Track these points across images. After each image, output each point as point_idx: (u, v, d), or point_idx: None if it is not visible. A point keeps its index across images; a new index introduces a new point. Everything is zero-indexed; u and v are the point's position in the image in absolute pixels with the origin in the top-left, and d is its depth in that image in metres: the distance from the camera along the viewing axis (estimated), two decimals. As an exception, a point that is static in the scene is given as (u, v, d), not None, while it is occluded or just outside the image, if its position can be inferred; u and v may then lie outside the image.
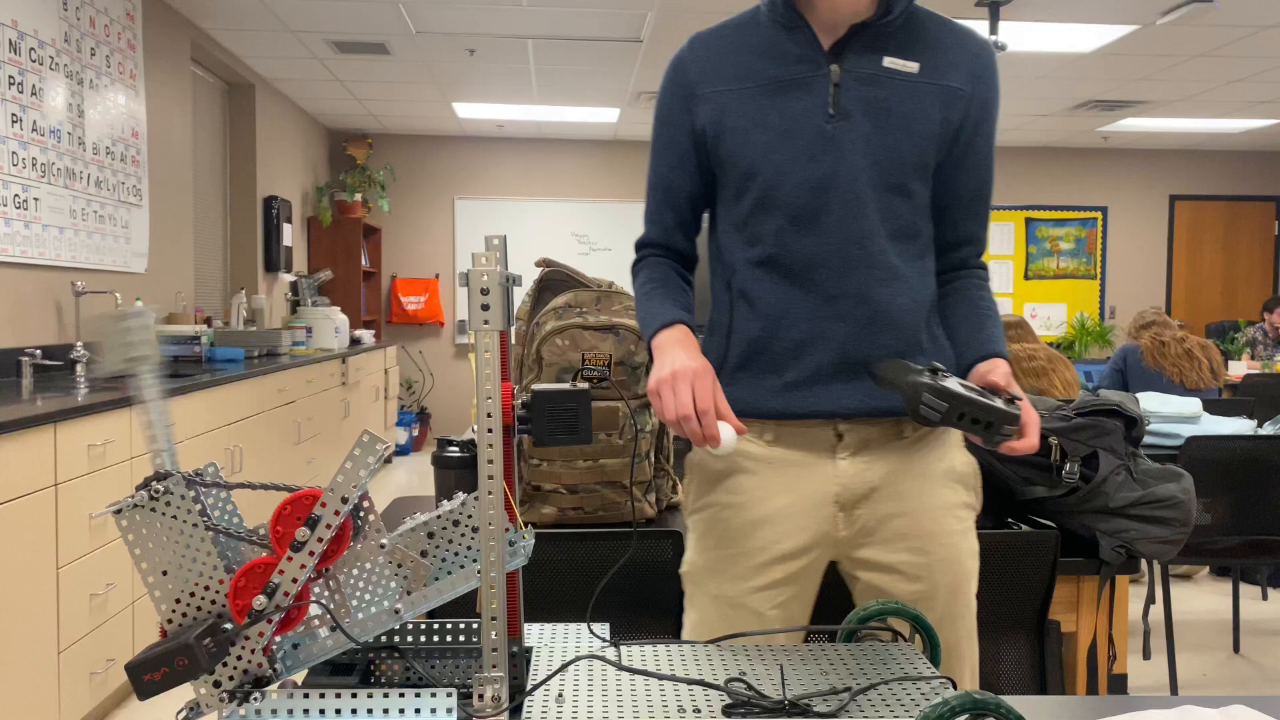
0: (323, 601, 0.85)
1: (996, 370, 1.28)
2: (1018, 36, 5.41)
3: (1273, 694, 1.01)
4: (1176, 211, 9.28)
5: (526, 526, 0.92)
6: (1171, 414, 3.22)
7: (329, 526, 0.81)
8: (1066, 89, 6.68)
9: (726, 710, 0.83)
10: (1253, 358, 6.71)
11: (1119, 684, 2.00)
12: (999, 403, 1.13)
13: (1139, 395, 3.35)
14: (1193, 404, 3.28)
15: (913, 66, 1.30)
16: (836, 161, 1.29)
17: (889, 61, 1.30)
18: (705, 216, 1.47)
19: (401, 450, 8.03)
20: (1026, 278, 9.23)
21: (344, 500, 0.81)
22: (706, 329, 1.43)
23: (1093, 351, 8.98)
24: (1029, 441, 1.17)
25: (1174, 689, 3.18)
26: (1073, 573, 1.92)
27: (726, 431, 1.15)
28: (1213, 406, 3.74)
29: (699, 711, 0.83)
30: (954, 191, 1.37)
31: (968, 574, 1.36)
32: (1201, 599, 4.42)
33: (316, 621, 0.86)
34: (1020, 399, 1.19)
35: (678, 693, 0.87)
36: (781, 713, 0.83)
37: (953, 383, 1.14)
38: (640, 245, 1.46)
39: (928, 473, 1.33)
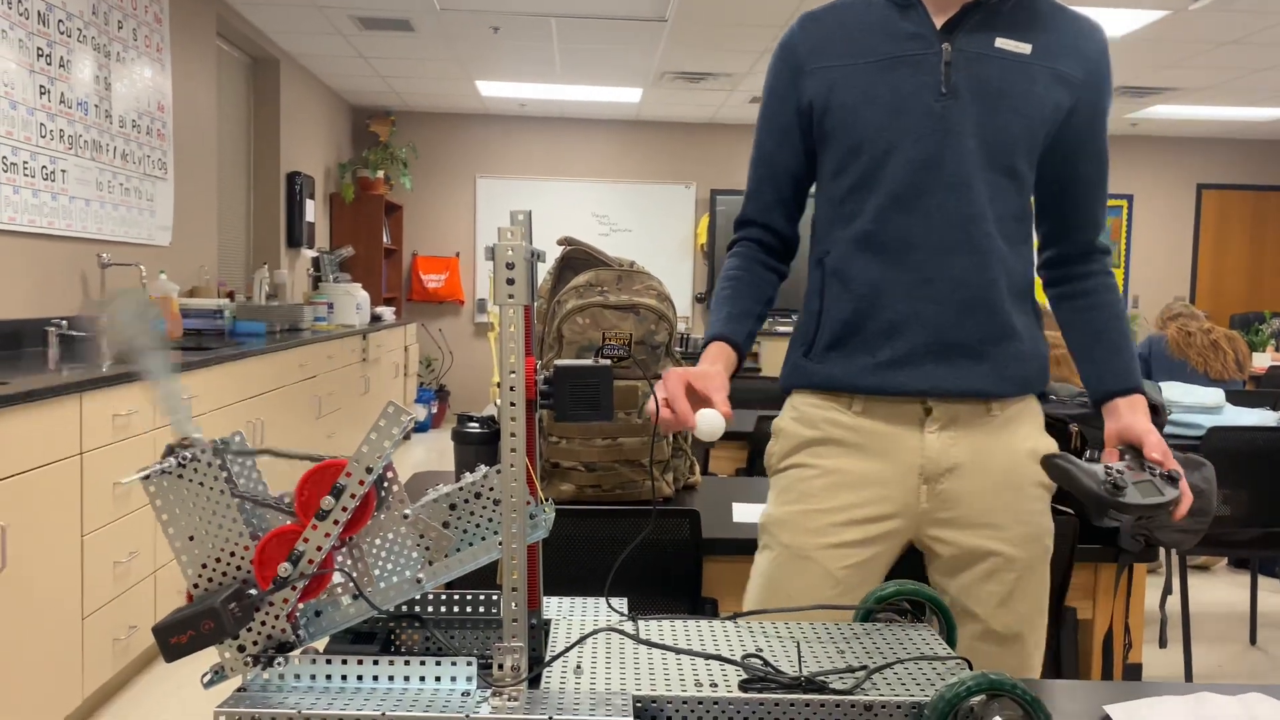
0: (346, 569, 0.86)
1: (1148, 431, 1.30)
2: (1047, 20, 5.34)
3: (1290, 685, 1.00)
4: (1204, 200, 9.17)
5: (547, 500, 0.93)
6: (1193, 404, 3.20)
7: (353, 496, 0.82)
8: (1095, 74, 6.60)
9: (743, 685, 0.84)
10: (1277, 349, 6.64)
11: (1134, 672, 2.00)
12: (1169, 494, 1.22)
13: (1161, 384, 3.32)
14: (1215, 394, 3.26)
15: (1025, 48, 1.30)
16: (943, 141, 1.29)
17: (1001, 42, 1.30)
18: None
19: (420, 427, 8.08)
20: (1050, 265, 9.15)
21: (368, 470, 0.82)
22: (802, 309, 1.44)
23: (1115, 340, 8.89)
24: (1179, 514, 1.24)
25: (1189, 678, 3.17)
26: (1090, 560, 1.91)
27: (706, 418, 1.16)
28: (1236, 398, 3.71)
29: (715, 685, 0.84)
30: (1075, 176, 1.37)
31: (1045, 551, 1.37)
32: (1219, 590, 4.40)
33: (339, 589, 0.87)
34: (1179, 475, 1.25)
35: (694, 667, 0.88)
36: (797, 688, 0.83)
37: (1129, 490, 1.20)
38: (738, 224, 1.47)
39: (1012, 450, 1.34)
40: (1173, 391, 3.25)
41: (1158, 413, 1.91)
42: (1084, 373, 1.40)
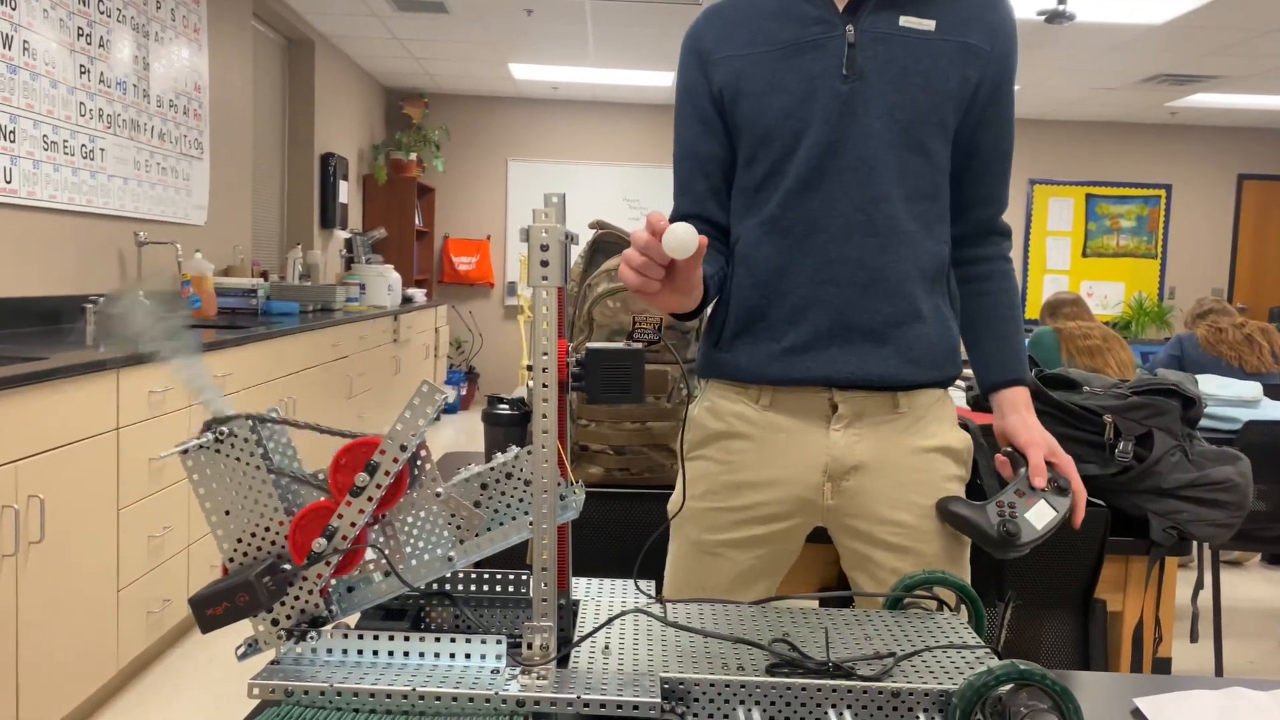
0: (379, 546, 0.87)
1: (1031, 444, 1.30)
2: (1087, 6, 5.26)
3: (1323, 682, 0.99)
4: (1244, 191, 9.01)
5: (577, 482, 0.94)
6: (1230, 397, 3.16)
7: (387, 473, 0.83)
8: (1135, 62, 6.50)
9: (770, 669, 0.84)
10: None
11: (1163, 666, 1.98)
12: (1061, 509, 1.25)
13: (1198, 377, 3.28)
14: (1253, 388, 3.21)
15: (929, 24, 1.29)
16: (848, 124, 1.27)
17: (905, 20, 1.28)
18: None
19: (449, 409, 8.13)
20: (1084, 255, 9.04)
21: (403, 448, 0.82)
22: None
23: (1150, 332, 8.79)
24: (1076, 521, 1.27)
25: (1219, 673, 3.14)
26: (1121, 552, 1.90)
27: (674, 232, 0.98)
28: (1274, 391, 3.65)
29: (743, 669, 0.84)
30: (976, 151, 1.35)
31: (958, 542, 1.35)
32: (1251, 586, 4.35)
33: (372, 566, 0.88)
34: (1068, 483, 1.27)
35: (722, 650, 0.89)
36: (825, 674, 0.83)
37: (1023, 528, 1.22)
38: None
39: (919, 448, 1.32)
40: (1210, 385, 3.21)
41: (1194, 404, 1.89)
42: (971, 361, 1.40)
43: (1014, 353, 1.38)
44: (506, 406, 1.89)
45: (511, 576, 1.00)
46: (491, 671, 0.81)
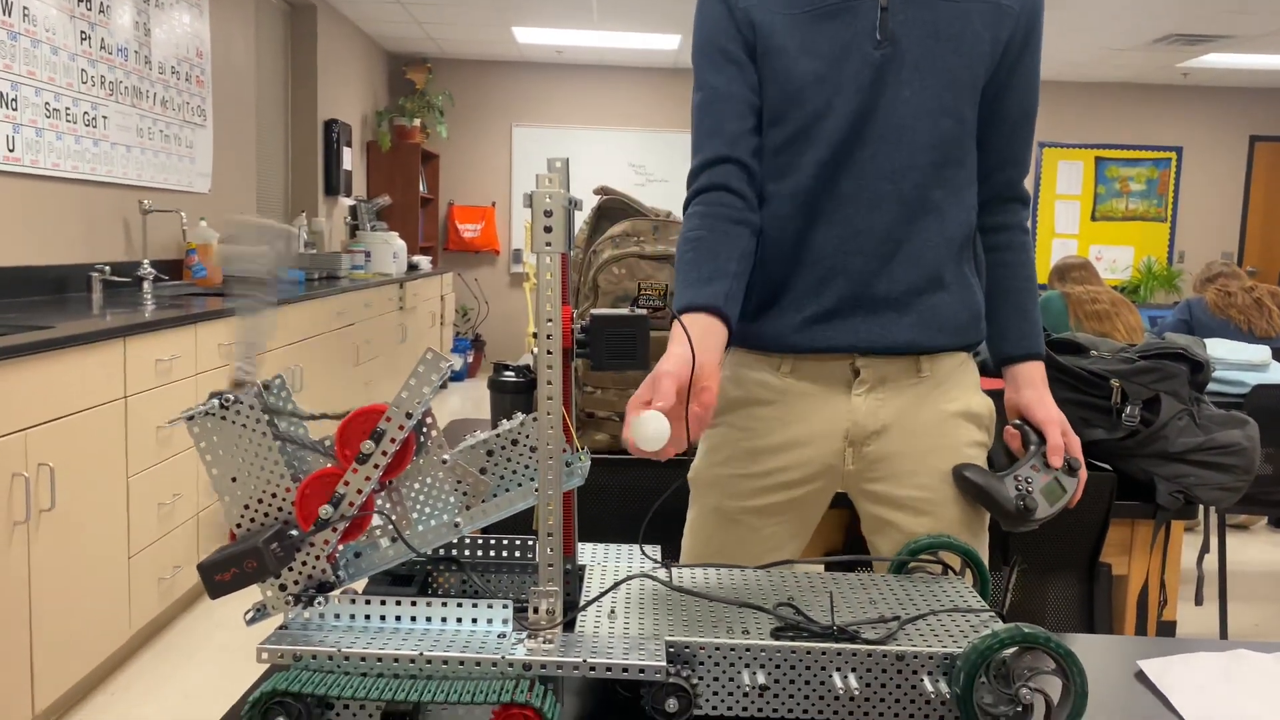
0: (385, 512, 0.87)
1: (1049, 421, 1.30)
2: (1098, -35, 5.19)
3: (1327, 644, 0.99)
4: (1256, 153, 8.93)
5: (583, 449, 0.94)
6: (1239, 361, 3.15)
7: (393, 440, 0.83)
8: (1148, 21, 6.41)
9: (775, 633, 0.85)
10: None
11: (1168, 629, 1.99)
12: (1069, 490, 1.27)
13: (1206, 341, 3.27)
14: (1262, 352, 3.20)
15: None
16: (880, 91, 1.25)
17: None
18: None
19: (456, 376, 8.15)
20: (1093, 219, 8.98)
21: (408, 415, 0.82)
22: None
23: (1158, 297, 8.75)
24: (1073, 503, 1.29)
25: (1224, 636, 3.15)
26: (1127, 516, 1.90)
27: (644, 422, 0.96)
28: (1282, 355, 3.64)
29: (748, 633, 0.84)
30: (1001, 112, 1.33)
31: (977, 508, 1.35)
32: (1257, 549, 4.36)
33: (378, 532, 0.88)
34: (1079, 464, 1.29)
35: (727, 614, 0.89)
36: (829, 638, 0.84)
37: (1039, 505, 1.25)
38: (696, 172, 1.30)
39: (940, 412, 1.32)
40: (1218, 349, 3.20)
41: (1201, 368, 1.88)
42: (987, 331, 1.38)
43: (1031, 326, 1.36)
44: (512, 374, 1.89)
45: (518, 542, 1.00)
46: (498, 636, 0.82)
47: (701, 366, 1.09)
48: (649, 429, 0.96)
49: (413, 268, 7.04)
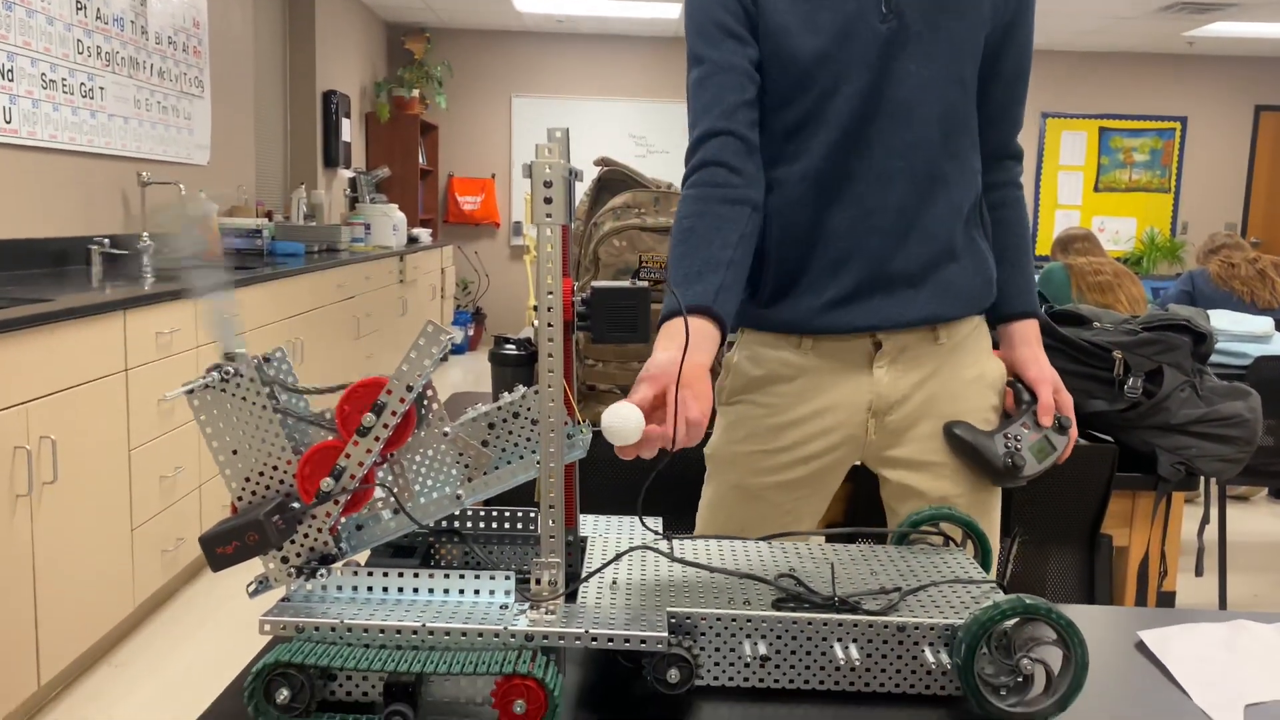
0: (387, 485, 0.87)
1: (1041, 380, 1.31)
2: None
3: (1326, 615, 1.00)
4: (1261, 123, 8.87)
5: (584, 421, 0.94)
6: (1241, 333, 3.14)
7: (394, 413, 0.82)
8: (1153, -10, 6.35)
9: (776, 603, 0.85)
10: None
11: (1167, 600, 2.00)
12: (1059, 447, 1.29)
13: (1209, 313, 3.26)
14: (1265, 323, 3.19)
15: None
16: (887, 66, 1.23)
17: None
18: None
19: (457, 349, 8.15)
20: (1096, 190, 8.94)
21: (409, 388, 0.82)
22: None
23: (1161, 268, 8.73)
24: (1062, 459, 1.31)
25: (1223, 607, 3.17)
26: (1129, 488, 1.90)
27: (614, 415, 0.90)
28: (1285, 327, 3.63)
29: (749, 604, 0.84)
30: (997, 72, 1.31)
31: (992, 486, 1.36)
32: (1257, 520, 4.37)
33: (380, 504, 0.88)
34: (1070, 422, 1.30)
35: (728, 585, 0.89)
36: (830, 608, 0.84)
37: (1027, 462, 1.27)
38: (691, 149, 1.25)
39: (959, 378, 1.32)
40: (1221, 320, 3.19)
41: (1204, 340, 1.88)
42: None
43: (1026, 283, 1.37)
44: (513, 347, 1.89)
45: (520, 514, 1.00)
46: (500, 607, 0.82)
47: (689, 369, 1.03)
48: (613, 421, 0.90)
49: (412, 240, 7.02)
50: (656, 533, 1.02)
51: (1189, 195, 8.94)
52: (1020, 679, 0.81)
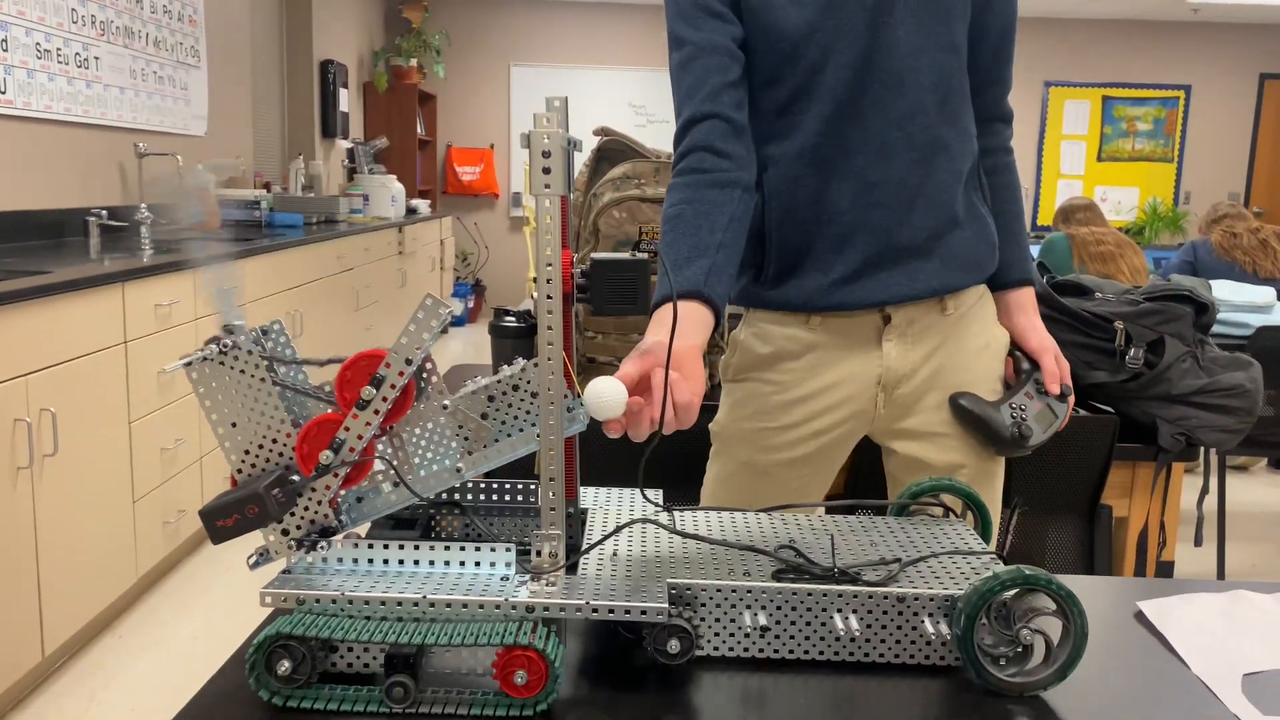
0: (387, 458, 0.87)
1: (1042, 350, 1.32)
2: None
3: (1324, 584, 1.01)
4: (1266, 91, 8.80)
5: (584, 393, 0.93)
6: (1243, 303, 3.13)
7: (393, 386, 0.82)
8: (1158, -44, 6.28)
9: (776, 575, 0.85)
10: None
11: (1166, 570, 2.01)
12: (1060, 415, 1.31)
13: (1211, 283, 3.25)
14: (1266, 293, 3.19)
15: None
16: (877, 35, 1.21)
17: None
18: None
19: (456, 321, 8.14)
20: (1099, 159, 8.89)
21: (408, 361, 0.82)
22: None
23: (1163, 238, 8.70)
24: (1060, 427, 1.33)
25: (1221, 576, 3.18)
26: (1129, 459, 1.91)
27: (596, 391, 0.85)
28: (1287, 297, 3.62)
29: (749, 575, 0.85)
30: (983, 32, 1.29)
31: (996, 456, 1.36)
32: (1257, 491, 4.39)
33: (380, 477, 0.88)
34: (1069, 391, 1.32)
35: (729, 557, 0.89)
36: (830, 579, 0.84)
37: (1034, 431, 1.28)
38: (678, 136, 1.23)
39: (966, 348, 1.32)
40: (1223, 290, 3.18)
41: (1206, 310, 1.87)
42: None
43: (1021, 251, 1.36)
44: (513, 319, 1.88)
45: (521, 487, 1.00)
46: (501, 579, 0.82)
47: (679, 354, 1.00)
48: (593, 397, 0.85)
49: (411, 211, 6.99)
50: (657, 505, 1.02)
51: (1192, 165, 8.89)
52: (1020, 649, 0.81)
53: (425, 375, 0.86)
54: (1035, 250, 4.26)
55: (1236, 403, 1.82)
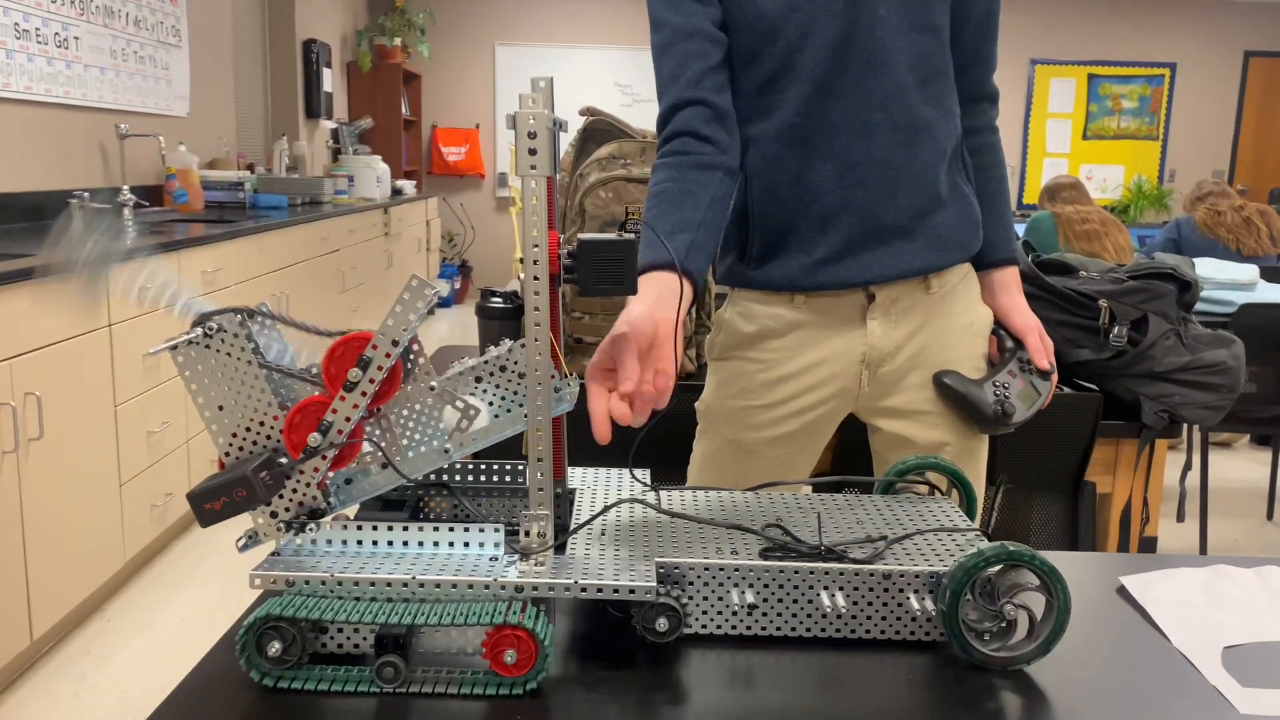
0: (374, 439, 0.87)
1: (1027, 330, 1.33)
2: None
3: (1304, 558, 1.02)
4: (1250, 68, 8.82)
5: (572, 374, 0.93)
6: (1226, 280, 3.15)
7: (380, 368, 0.82)
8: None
9: (763, 553, 0.85)
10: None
11: (1149, 545, 2.03)
12: (1043, 392, 1.32)
13: (1195, 261, 3.27)
14: (1249, 271, 3.21)
15: None
16: (855, 14, 1.21)
17: None
18: None
19: (443, 302, 8.11)
20: (1085, 137, 8.91)
21: (394, 343, 0.82)
22: None
23: (1148, 216, 8.73)
24: (1045, 405, 1.34)
25: (1203, 551, 3.22)
26: (1112, 435, 1.92)
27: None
28: (1271, 274, 3.65)
29: (736, 553, 0.85)
30: (965, 11, 1.29)
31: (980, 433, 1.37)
32: (1239, 467, 4.43)
33: (368, 459, 0.88)
34: (1053, 369, 1.33)
35: (716, 535, 0.90)
36: (817, 557, 0.85)
37: (1017, 409, 1.29)
38: (661, 121, 1.24)
39: (950, 326, 1.33)
40: (1206, 268, 3.20)
41: (1189, 288, 1.88)
42: None
43: (1005, 229, 1.36)
44: (500, 300, 1.88)
45: (509, 467, 1.00)
46: (490, 559, 0.83)
47: (657, 325, 1.01)
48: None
49: (397, 192, 6.96)
50: (645, 484, 1.03)
51: (1177, 142, 8.92)
52: (1004, 624, 0.82)
53: (412, 356, 0.86)
54: (1020, 229, 4.28)
55: (1218, 379, 1.83)
